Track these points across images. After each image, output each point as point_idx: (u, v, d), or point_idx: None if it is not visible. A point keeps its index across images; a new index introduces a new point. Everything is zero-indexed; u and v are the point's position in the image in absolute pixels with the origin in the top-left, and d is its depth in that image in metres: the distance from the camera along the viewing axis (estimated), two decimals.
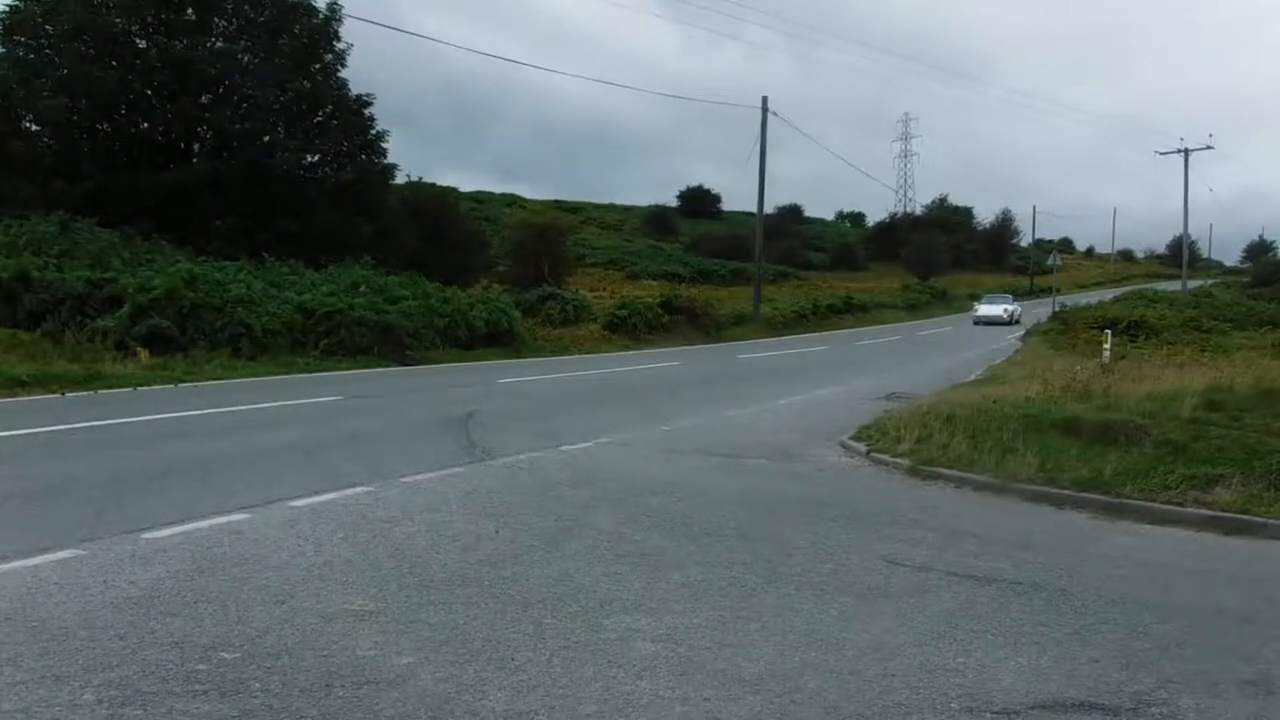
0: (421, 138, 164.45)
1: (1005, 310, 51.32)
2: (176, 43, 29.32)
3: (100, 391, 14.48)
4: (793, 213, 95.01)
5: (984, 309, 52.75)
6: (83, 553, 5.83)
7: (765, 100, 42.81)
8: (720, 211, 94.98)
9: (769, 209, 56.18)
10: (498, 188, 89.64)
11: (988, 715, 4.04)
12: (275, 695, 3.96)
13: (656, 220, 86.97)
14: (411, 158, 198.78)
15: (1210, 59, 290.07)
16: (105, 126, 30.53)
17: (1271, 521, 7.70)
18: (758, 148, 43.11)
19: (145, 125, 30.61)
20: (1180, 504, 8.18)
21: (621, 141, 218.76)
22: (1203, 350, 28.02)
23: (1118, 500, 8.38)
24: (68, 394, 14.13)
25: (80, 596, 5.07)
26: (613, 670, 4.37)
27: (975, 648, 4.84)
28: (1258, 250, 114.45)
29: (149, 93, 30.06)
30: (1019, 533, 7.53)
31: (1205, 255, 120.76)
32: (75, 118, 29.62)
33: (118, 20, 29.69)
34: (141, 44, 30.26)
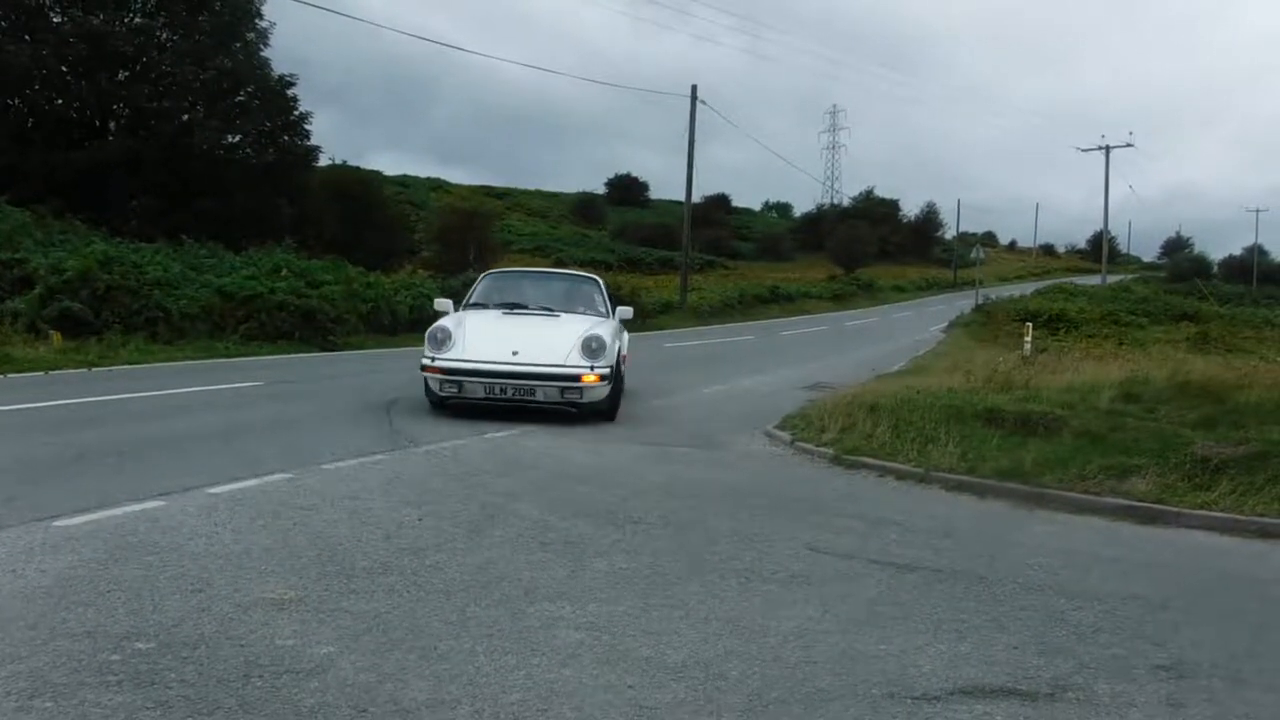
0: (357, 117, 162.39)
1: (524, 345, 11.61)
2: (92, 17, 28.53)
3: (10, 375, 14.05)
4: (721, 202, 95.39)
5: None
6: None
7: (694, 89, 42.85)
8: (648, 200, 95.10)
9: (697, 198, 56.12)
10: (433, 170, 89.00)
11: (908, 701, 4.07)
12: (191, 686, 3.86)
13: (584, 207, 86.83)
14: (345, 138, 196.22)
15: (1147, 61, 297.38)
16: (17, 102, 29.62)
17: (1185, 511, 7.89)
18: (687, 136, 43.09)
19: (59, 102, 29.77)
20: (1097, 493, 8.34)
21: (560, 126, 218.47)
22: (1120, 343, 28.74)
23: (1037, 490, 8.52)
24: None
25: None
26: (536, 658, 4.33)
27: (896, 634, 4.88)
28: (1175, 246, 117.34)
29: (64, 69, 29.18)
30: (941, 521, 7.64)
31: (1124, 251, 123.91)
32: None
33: None
34: (56, 18, 29.42)
